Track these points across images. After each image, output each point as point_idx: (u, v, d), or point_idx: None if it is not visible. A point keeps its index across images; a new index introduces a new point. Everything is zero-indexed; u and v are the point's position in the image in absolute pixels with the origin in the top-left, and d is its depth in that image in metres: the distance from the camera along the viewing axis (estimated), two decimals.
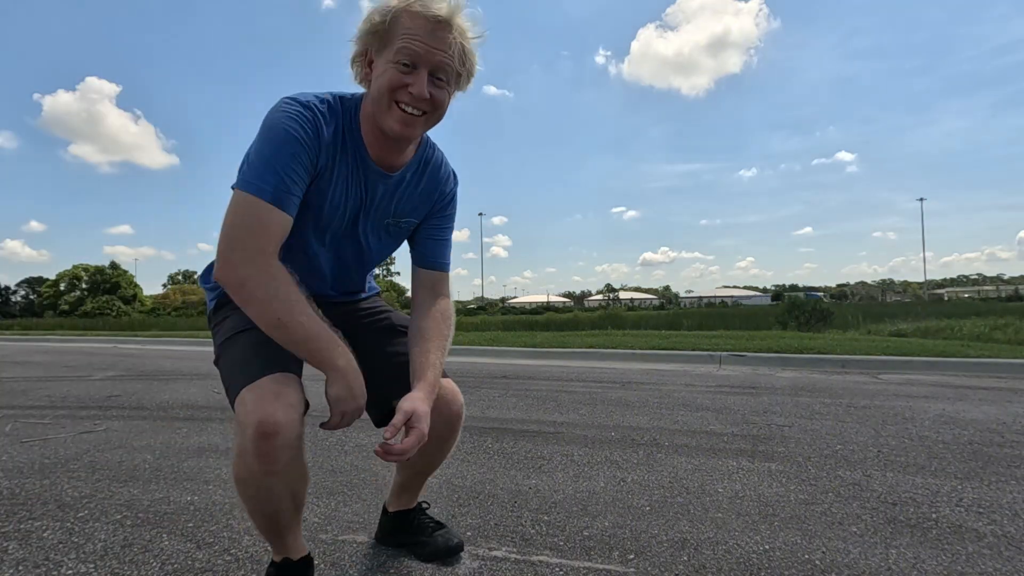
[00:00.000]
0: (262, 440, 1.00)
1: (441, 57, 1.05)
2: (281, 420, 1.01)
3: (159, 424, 3.26)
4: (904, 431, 2.97)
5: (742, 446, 2.70)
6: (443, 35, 1.04)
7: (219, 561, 1.50)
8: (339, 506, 1.91)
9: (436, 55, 1.04)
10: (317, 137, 1.08)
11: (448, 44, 1.04)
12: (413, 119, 1.08)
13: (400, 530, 1.56)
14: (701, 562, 1.51)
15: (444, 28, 1.04)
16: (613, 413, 3.50)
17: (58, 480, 2.20)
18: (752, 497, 2.00)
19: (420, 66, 1.04)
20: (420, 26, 1.03)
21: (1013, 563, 1.50)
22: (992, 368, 5.47)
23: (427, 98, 1.06)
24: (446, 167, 1.32)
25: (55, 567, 1.47)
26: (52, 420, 3.38)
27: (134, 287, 49.52)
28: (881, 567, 1.48)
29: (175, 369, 6.18)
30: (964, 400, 3.86)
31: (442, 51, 1.04)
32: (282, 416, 1.01)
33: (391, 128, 1.08)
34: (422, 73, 1.05)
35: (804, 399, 3.95)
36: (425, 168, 1.26)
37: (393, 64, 1.04)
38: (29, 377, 5.63)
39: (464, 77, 1.12)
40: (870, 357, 6.06)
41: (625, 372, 5.63)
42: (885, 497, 2.00)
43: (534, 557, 1.53)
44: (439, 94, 1.08)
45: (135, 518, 1.80)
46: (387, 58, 1.05)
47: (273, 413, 1.01)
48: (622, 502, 1.95)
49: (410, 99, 1.05)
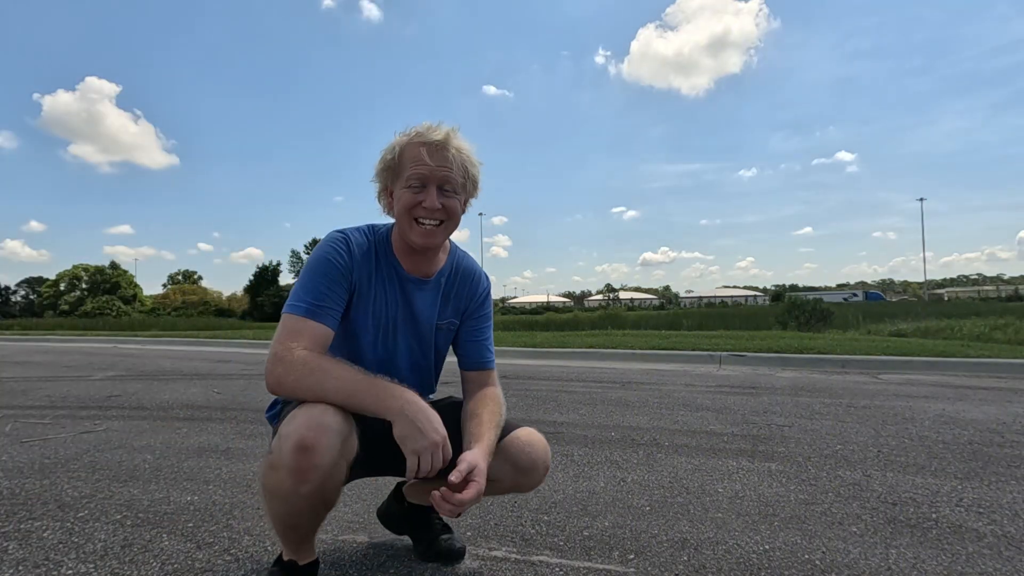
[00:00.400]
0: (299, 453, 1.04)
1: (444, 172, 1.22)
2: (322, 440, 1.05)
3: (159, 424, 3.26)
4: (904, 431, 2.97)
5: (742, 446, 2.70)
6: (443, 154, 1.22)
7: (219, 561, 1.50)
8: (339, 506, 1.90)
9: (440, 171, 1.22)
10: (350, 256, 1.26)
11: (448, 161, 1.22)
12: (432, 230, 1.24)
13: (409, 522, 1.56)
14: (701, 562, 1.51)
15: (443, 149, 1.22)
16: (613, 413, 3.50)
17: (58, 480, 2.20)
18: (752, 497, 2.00)
19: (428, 184, 1.22)
20: (422, 154, 1.21)
21: (1013, 563, 1.50)
22: (992, 368, 5.47)
23: (439, 208, 1.22)
24: (477, 268, 1.45)
25: (55, 567, 1.47)
26: (52, 420, 3.38)
27: (134, 287, 49.55)
28: (881, 567, 1.48)
29: (175, 369, 6.18)
30: (964, 400, 3.86)
31: (444, 167, 1.22)
32: (324, 439, 1.05)
33: (415, 242, 1.25)
34: (431, 189, 1.22)
35: (804, 399, 3.95)
36: (457, 272, 1.41)
37: (406, 188, 1.23)
38: (29, 377, 5.63)
39: (470, 184, 1.29)
40: (870, 357, 6.06)
41: (625, 372, 5.63)
42: (885, 497, 2.00)
43: (534, 557, 1.53)
44: (449, 203, 1.24)
45: (135, 518, 1.80)
46: (401, 185, 1.24)
47: (316, 432, 1.05)
48: (622, 502, 1.95)
49: (425, 212, 1.22)
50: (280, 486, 1.08)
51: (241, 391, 4.52)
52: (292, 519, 1.16)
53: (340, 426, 1.08)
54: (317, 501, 1.12)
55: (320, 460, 1.05)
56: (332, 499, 1.16)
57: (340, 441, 1.08)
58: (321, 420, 1.06)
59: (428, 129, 1.23)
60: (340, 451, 1.08)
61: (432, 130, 1.23)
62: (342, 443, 1.08)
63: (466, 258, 1.45)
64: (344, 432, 1.09)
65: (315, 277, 1.22)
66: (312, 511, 1.15)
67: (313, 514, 1.17)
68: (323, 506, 1.16)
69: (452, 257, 1.41)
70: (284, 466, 1.05)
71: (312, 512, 1.16)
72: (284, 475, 1.05)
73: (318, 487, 1.08)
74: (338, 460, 1.09)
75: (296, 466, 1.04)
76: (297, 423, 1.06)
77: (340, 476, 1.12)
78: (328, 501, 1.15)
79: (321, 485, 1.08)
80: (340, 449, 1.08)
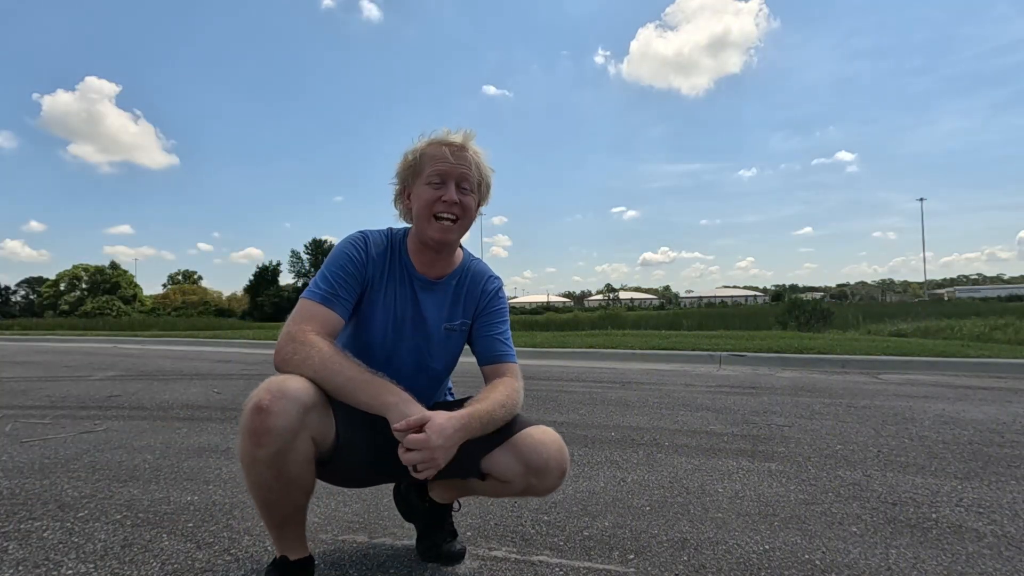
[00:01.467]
0: (254, 414, 1.07)
1: (463, 170, 1.31)
2: (277, 403, 1.08)
3: (159, 424, 3.26)
4: (904, 431, 2.97)
5: (742, 446, 2.70)
6: (462, 154, 1.31)
7: (219, 561, 1.50)
8: (339, 506, 1.91)
9: (458, 169, 1.30)
10: (366, 253, 1.34)
11: (467, 160, 1.31)
12: (450, 226, 1.31)
13: (424, 518, 1.53)
14: (701, 562, 1.51)
15: (462, 149, 1.31)
16: (613, 413, 3.50)
17: (58, 480, 2.20)
18: (752, 497, 2.00)
19: (448, 180, 1.30)
20: (444, 152, 1.30)
21: (1013, 563, 1.50)
22: (992, 368, 5.47)
23: (457, 202, 1.30)
24: (487, 270, 1.49)
25: (55, 567, 1.47)
26: (52, 420, 3.38)
27: (134, 287, 49.55)
28: (881, 567, 1.48)
29: (175, 369, 6.18)
30: (964, 400, 3.86)
31: (463, 166, 1.31)
32: (280, 403, 1.08)
33: (432, 237, 1.31)
34: (450, 185, 1.30)
35: (804, 399, 3.95)
36: (468, 274, 1.45)
37: (427, 185, 1.31)
38: (29, 377, 5.63)
39: (484, 187, 1.37)
40: (870, 357, 6.06)
41: (625, 372, 5.63)
42: (885, 497, 2.00)
43: (534, 557, 1.53)
44: (466, 200, 1.32)
45: (135, 518, 1.80)
46: (421, 182, 1.32)
47: (274, 395, 1.08)
48: (622, 502, 1.95)
49: (444, 207, 1.29)
50: (243, 451, 1.11)
51: (241, 391, 4.52)
52: (263, 494, 1.16)
53: (301, 395, 1.10)
54: (280, 474, 1.12)
55: (274, 423, 1.06)
56: (299, 477, 1.15)
57: (298, 409, 1.09)
58: (282, 386, 1.10)
59: (448, 133, 1.33)
60: (299, 419, 1.09)
61: (452, 134, 1.33)
62: (302, 412, 1.10)
63: (478, 263, 1.49)
64: (305, 402, 1.10)
65: (332, 269, 1.31)
66: (281, 487, 1.14)
67: (284, 491, 1.15)
68: (292, 484, 1.15)
69: (465, 262, 1.46)
70: (244, 428, 1.09)
71: (282, 489, 1.14)
72: (245, 438, 1.09)
73: (275, 453, 1.08)
74: (297, 429, 1.09)
75: (251, 427, 1.07)
76: (259, 388, 1.10)
77: (304, 450, 1.12)
78: (295, 478, 1.14)
79: (279, 452, 1.08)
80: (299, 417, 1.09)
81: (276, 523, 1.23)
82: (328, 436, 1.18)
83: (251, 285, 49.35)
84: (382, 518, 1.81)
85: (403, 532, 1.69)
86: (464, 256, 1.47)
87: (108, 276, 47.97)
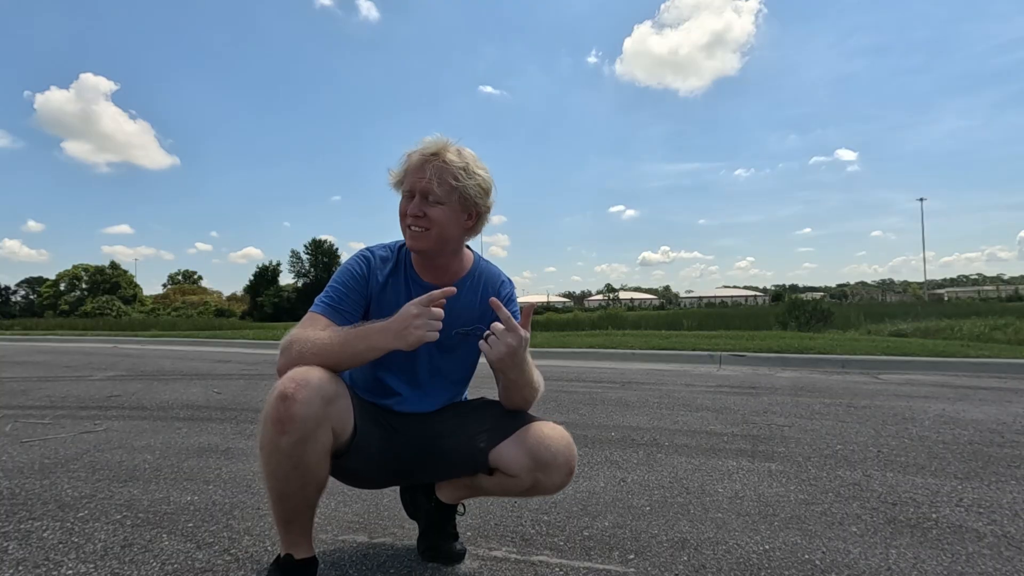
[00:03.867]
0: (280, 402, 1.10)
1: (423, 184, 1.29)
2: (302, 392, 1.10)
3: (159, 424, 3.26)
4: (904, 431, 2.97)
5: (742, 446, 2.70)
6: (427, 165, 1.29)
7: (219, 561, 1.50)
8: (339, 506, 1.91)
9: (419, 183, 1.29)
10: (368, 267, 1.38)
11: (427, 172, 1.28)
12: (418, 234, 1.32)
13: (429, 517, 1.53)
14: (701, 562, 1.51)
15: (428, 161, 1.29)
16: (613, 413, 3.50)
17: (58, 480, 2.20)
18: (752, 497, 2.00)
19: (416, 194, 1.31)
20: (414, 163, 1.31)
21: (1013, 563, 1.50)
22: (992, 368, 5.47)
23: (418, 215, 1.30)
24: (499, 274, 1.50)
25: (55, 567, 1.47)
26: (52, 420, 3.38)
27: (134, 287, 49.56)
28: (881, 567, 1.48)
29: (175, 369, 6.18)
30: (964, 400, 3.86)
31: (424, 179, 1.29)
32: (304, 391, 1.11)
33: (409, 246, 1.35)
34: (416, 198, 1.30)
35: (804, 399, 3.95)
36: (479, 280, 1.46)
37: (402, 196, 1.34)
38: (29, 377, 5.63)
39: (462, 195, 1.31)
40: (870, 357, 6.06)
41: (625, 372, 5.64)
42: (885, 497, 2.00)
43: (534, 557, 1.53)
44: (432, 211, 1.30)
45: (135, 518, 1.80)
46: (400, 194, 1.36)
47: (298, 384, 1.11)
48: (622, 502, 1.95)
49: (412, 220, 1.31)
50: (265, 439, 1.13)
51: (241, 391, 4.52)
52: (279, 485, 1.17)
53: (325, 385, 1.14)
54: (299, 463, 1.13)
55: (299, 411, 1.09)
56: (315, 468, 1.17)
57: (322, 399, 1.12)
58: (306, 375, 1.13)
59: (424, 144, 1.32)
60: (322, 408, 1.12)
61: (427, 144, 1.32)
62: (324, 402, 1.13)
63: (488, 267, 1.50)
64: (328, 393, 1.14)
65: (335, 284, 1.36)
66: (298, 477, 1.15)
67: (300, 482, 1.17)
68: (308, 475, 1.16)
69: (475, 267, 1.46)
70: (268, 416, 1.11)
71: (298, 479, 1.16)
72: (268, 426, 1.12)
73: (297, 441, 1.11)
74: (320, 418, 1.12)
75: (277, 415, 1.10)
76: (283, 378, 1.14)
77: (324, 441, 1.15)
78: (311, 468, 1.16)
79: (301, 440, 1.11)
80: (322, 406, 1.12)
81: (286, 518, 1.24)
82: (346, 429, 1.21)
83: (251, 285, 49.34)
84: (382, 518, 1.81)
85: (403, 532, 1.69)
86: (474, 260, 1.47)
87: (108, 276, 47.97)
